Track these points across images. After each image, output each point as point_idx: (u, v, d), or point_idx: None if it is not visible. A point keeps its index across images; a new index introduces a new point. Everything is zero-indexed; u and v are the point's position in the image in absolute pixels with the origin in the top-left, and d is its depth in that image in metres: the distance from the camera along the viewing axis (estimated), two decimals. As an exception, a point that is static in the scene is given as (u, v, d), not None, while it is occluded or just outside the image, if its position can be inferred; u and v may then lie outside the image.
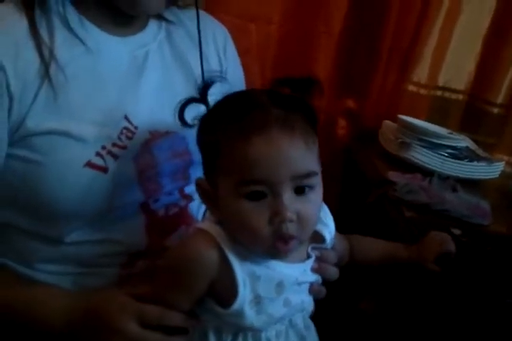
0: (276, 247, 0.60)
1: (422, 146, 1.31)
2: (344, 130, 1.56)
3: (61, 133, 0.69)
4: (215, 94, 0.80)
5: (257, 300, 0.63)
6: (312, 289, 0.69)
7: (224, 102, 0.65)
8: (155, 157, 0.76)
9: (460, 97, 1.56)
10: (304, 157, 0.60)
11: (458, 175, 1.28)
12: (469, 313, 0.76)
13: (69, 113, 0.70)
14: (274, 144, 0.59)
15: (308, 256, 0.69)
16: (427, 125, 1.43)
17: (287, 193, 0.59)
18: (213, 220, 0.64)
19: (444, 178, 1.21)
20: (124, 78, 0.76)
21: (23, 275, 0.76)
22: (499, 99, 1.52)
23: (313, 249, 0.69)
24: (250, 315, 0.62)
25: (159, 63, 0.81)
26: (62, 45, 0.71)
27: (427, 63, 1.50)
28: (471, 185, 1.28)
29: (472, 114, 1.56)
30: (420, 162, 1.29)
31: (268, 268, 0.63)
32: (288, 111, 0.61)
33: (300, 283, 0.67)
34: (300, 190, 0.61)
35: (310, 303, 0.71)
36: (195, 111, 0.69)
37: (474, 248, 0.93)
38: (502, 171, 1.38)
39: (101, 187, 0.71)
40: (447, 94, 1.56)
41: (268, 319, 0.64)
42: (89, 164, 0.70)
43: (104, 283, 0.76)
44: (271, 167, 0.58)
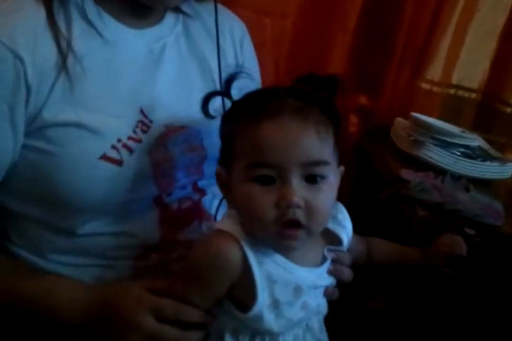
0: (282, 234, 0.60)
1: (435, 145, 1.30)
2: (356, 127, 1.55)
3: (77, 125, 0.69)
4: (236, 88, 0.80)
5: (275, 304, 0.62)
6: (327, 292, 0.69)
7: (245, 96, 0.67)
8: (170, 151, 0.76)
9: (473, 96, 1.55)
10: (315, 145, 0.61)
11: (470, 175, 1.27)
12: (482, 314, 0.75)
13: (85, 105, 0.70)
14: (285, 129, 0.60)
15: (324, 259, 0.68)
16: (440, 123, 1.41)
17: (296, 180, 0.60)
18: (233, 220, 0.63)
19: (457, 178, 1.20)
20: (141, 71, 0.76)
21: (36, 265, 0.76)
22: (513, 99, 1.51)
23: (329, 251, 0.69)
24: (269, 320, 0.62)
25: (176, 56, 0.80)
26: (79, 37, 0.70)
27: (441, 61, 1.50)
28: (483, 185, 1.27)
29: (485, 113, 1.55)
30: (433, 160, 1.28)
31: (285, 270, 0.63)
32: (303, 102, 0.62)
33: (317, 287, 0.67)
34: (311, 179, 0.61)
35: (325, 306, 0.70)
36: (214, 103, 0.70)
37: (489, 248, 0.92)
38: (515, 172, 1.37)
39: (115, 180, 0.71)
40: (460, 93, 1.55)
41: (286, 323, 0.64)
42: (104, 157, 0.70)
43: (117, 276, 0.76)
44: (280, 151, 0.60)
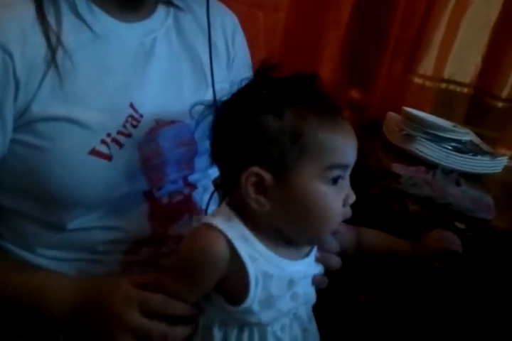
0: (334, 230, 0.64)
1: (427, 139, 1.30)
2: (348, 121, 1.54)
3: (66, 119, 0.68)
4: (222, 83, 0.79)
5: (269, 299, 0.63)
6: (315, 280, 0.69)
7: (281, 86, 0.63)
8: (160, 146, 0.76)
9: (465, 90, 1.56)
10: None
11: (461, 169, 1.27)
12: (474, 309, 0.75)
13: (74, 99, 0.69)
14: (350, 130, 0.64)
15: (310, 249, 0.69)
16: (432, 118, 1.42)
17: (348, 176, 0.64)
18: (225, 217, 0.63)
19: (448, 172, 1.21)
20: (131, 65, 0.75)
21: (25, 259, 0.75)
22: (504, 94, 1.52)
23: None
24: (258, 312, 0.63)
25: (166, 50, 0.80)
26: (69, 31, 0.70)
27: (434, 55, 1.49)
28: (474, 179, 1.27)
29: (477, 108, 1.55)
30: (424, 155, 1.28)
31: (277, 267, 0.63)
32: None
33: (307, 276, 0.68)
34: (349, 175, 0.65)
35: (313, 295, 0.71)
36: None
37: (479, 242, 0.93)
38: (505, 166, 1.37)
39: (105, 174, 0.71)
40: (452, 87, 1.56)
41: (276, 313, 0.64)
42: (93, 151, 0.70)
43: (106, 270, 0.75)
44: (352, 151, 0.62)
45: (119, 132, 0.72)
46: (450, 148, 1.31)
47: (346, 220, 0.66)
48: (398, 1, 1.46)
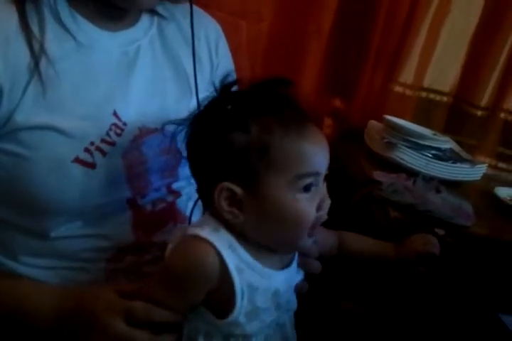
0: (310, 234, 0.64)
1: (407, 147, 1.32)
2: (330, 129, 1.57)
3: (50, 128, 0.69)
4: (205, 92, 0.80)
5: (256, 311, 0.63)
6: (297, 287, 0.70)
7: (246, 100, 0.64)
8: (144, 153, 0.76)
9: (445, 99, 1.58)
10: (328, 148, 0.66)
11: (442, 177, 1.29)
12: (454, 312, 0.77)
13: (58, 108, 0.70)
14: (319, 136, 0.64)
15: (292, 257, 0.70)
16: (412, 126, 1.44)
17: (322, 183, 0.64)
18: (212, 228, 0.63)
19: (428, 179, 1.23)
20: (114, 74, 0.76)
21: (8, 268, 0.75)
22: (483, 102, 1.54)
23: None
24: (244, 324, 0.63)
25: (150, 59, 0.80)
26: (53, 40, 0.70)
27: (414, 64, 1.52)
28: (454, 187, 1.29)
29: (456, 116, 1.58)
30: (405, 162, 1.30)
31: (263, 277, 0.64)
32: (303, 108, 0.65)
33: (291, 286, 0.68)
34: (324, 180, 0.65)
35: (295, 302, 0.71)
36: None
37: (458, 248, 0.94)
38: (484, 173, 1.40)
39: (89, 182, 0.71)
40: (432, 96, 1.58)
41: (261, 324, 0.65)
42: (77, 160, 0.70)
43: (90, 278, 0.76)
44: (323, 159, 0.63)
45: (103, 140, 0.72)
46: (430, 156, 1.33)
47: (324, 224, 0.68)
48: (379, 12, 1.48)
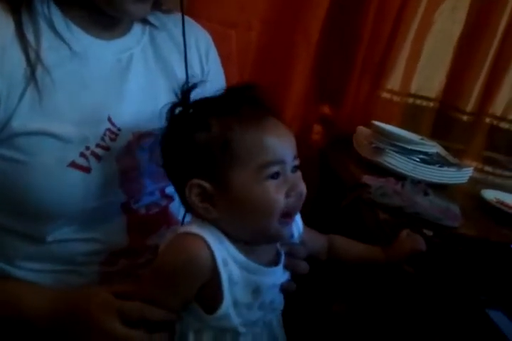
0: (283, 222, 0.66)
1: (395, 151, 1.35)
2: (320, 135, 1.59)
3: (46, 133, 0.70)
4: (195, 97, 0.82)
5: (235, 304, 0.65)
6: (283, 287, 0.72)
7: (206, 103, 0.69)
8: (137, 158, 0.78)
9: (431, 105, 1.62)
10: (293, 138, 0.69)
11: (429, 180, 1.32)
12: (443, 311, 0.78)
13: (54, 114, 0.71)
14: (279, 127, 0.67)
15: (278, 254, 0.71)
16: (400, 131, 1.47)
17: (290, 172, 0.67)
18: (199, 225, 0.65)
19: (416, 182, 1.25)
20: (108, 81, 0.78)
21: (3, 271, 0.76)
22: (469, 107, 1.58)
23: (282, 245, 0.72)
24: (233, 317, 0.65)
25: (142, 67, 0.83)
26: (48, 48, 0.72)
27: (400, 71, 1.55)
28: (442, 190, 1.32)
29: (443, 121, 1.61)
30: (393, 166, 1.33)
31: (249, 272, 0.66)
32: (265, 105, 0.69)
33: (275, 286, 0.70)
34: (295, 170, 0.68)
35: (281, 301, 0.73)
36: None
37: (446, 248, 0.96)
38: (470, 176, 1.43)
39: (84, 187, 0.73)
40: (419, 102, 1.61)
41: (245, 322, 0.67)
42: (72, 164, 0.72)
43: (84, 281, 0.77)
44: (285, 147, 0.66)
45: (98, 145, 0.74)
46: (418, 160, 1.36)
47: (316, 227, 0.70)
48: (366, 20, 1.52)
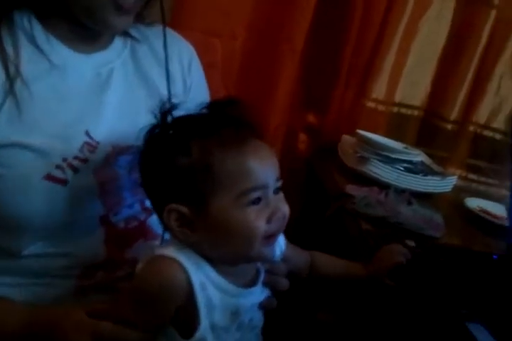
0: (266, 244, 0.65)
1: (379, 160, 1.35)
2: (305, 144, 1.60)
3: (22, 146, 0.70)
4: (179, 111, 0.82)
5: (213, 328, 0.64)
6: (263, 305, 0.71)
7: (186, 124, 0.67)
8: (116, 171, 0.78)
9: (416, 113, 1.63)
10: (276, 159, 0.67)
11: (413, 189, 1.33)
12: (424, 323, 0.78)
13: (31, 127, 0.71)
14: (262, 150, 0.66)
15: (258, 272, 0.71)
16: (384, 140, 1.48)
17: (273, 194, 0.66)
18: (177, 247, 0.64)
19: (400, 191, 1.26)
20: (87, 95, 0.77)
21: None
22: (453, 116, 1.59)
23: (263, 263, 0.71)
24: None
25: (122, 80, 0.82)
26: (28, 62, 0.72)
27: (385, 80, 1.56)
28: (425, 198, 1.33)
29: (427, 130, 1.63)
30: (377, 176, 1.33)
31: (227, 294, 0.65)
32: (248, 125, 0.67)
33: (254, 305, 0.69)
34: (277, 191, 0.67)
35: (260, 319, 0.72)
36: None
37: (427, 259, 0.97)
38: (454, 185, 1.44)
39: (60, 200, 0.72)
40: (404, 110, 1.62)
41: None
42: (48, 177, 0.71)
43: (59, 295, 0.76)
44: (266, 172, 0.65)
45: (76, 157, 0.73)
46: (402, 169, 1.36)
47: (300, 238, 0.69)
48: (350, 30, 1.53)
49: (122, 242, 0.81)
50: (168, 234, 0.82)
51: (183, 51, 0.93)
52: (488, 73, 1.56)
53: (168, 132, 0.68)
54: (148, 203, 0.83)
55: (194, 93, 0.93)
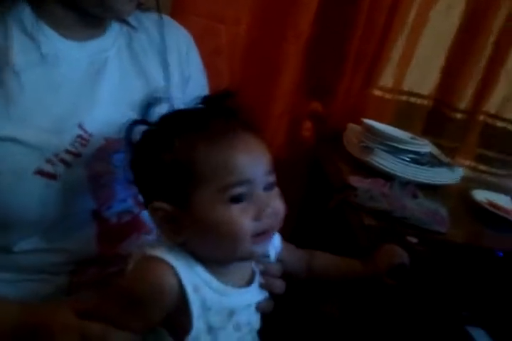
0: (257, 242, 0.62)
1: (385, 151, 1.33)
2: (309, 132, 1.56)
3: (12, 140, 0.68)
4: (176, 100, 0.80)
5: (210, 330, 0.62)
6: (260, 307, 0.69)
7: (173, 119, 0.65)
8: (110, 164, 0.75)
9: (425, 102, 1.59)
10: (268, 155, 0.64)
11: (419, 180, 1.29)
12: (424, 325, 0.77)
13: (21, 120, 0.69)
14: (247, 145, 0.62)
15: (253, 273, 0.69)
16: (390, 129, 1.44)
17: (261, 191, 0.62)
18: (167, 247, 0.62)
19: (405, 184, 1.23)
20: (80, 85, 0.75)
21: None
22: (462, 105, 1.55)
23: (257, 264, 0.70)
24: None
25: (117, 69, 0.80)
26: (18, 51, 0.69)
27: (393, 68, 1.52)
28: (433, 190, 1.30)
29: (436, 119, 1.59)
30: (382, 166, 1.30)
31: (221, 295, 0.63)
32: (238, 117, 0.65)
33: (249, 306, 0.67)
34: (269, 187, 0.64)
35: (257, 322, 0.70)
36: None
37: (431, 256, 0.94)
38: (463, 176, 1.41)
39: (51, 195, 0.70)
40: (412, 99, 1.59)
41: None
42: (39, 171, 0.69)
43: (52, 290, 0.75)
44: (250, 166, 0.61)
45: (67, 151, 0.71)
46: (408, 160, 1.33)
47: (302, 230, 0.66)
48: (358, 16, 1.47)
49: (115, 237, 0.79)
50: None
51: (181, 39, 0.91)
52: (499, 61, 1.52)
53: (154, 128, 0.66)
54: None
55: (192, 86, 0.91)
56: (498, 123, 1.56)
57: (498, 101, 1.55)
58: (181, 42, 0.90)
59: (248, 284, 0.68)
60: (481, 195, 1.33)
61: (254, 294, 0.68)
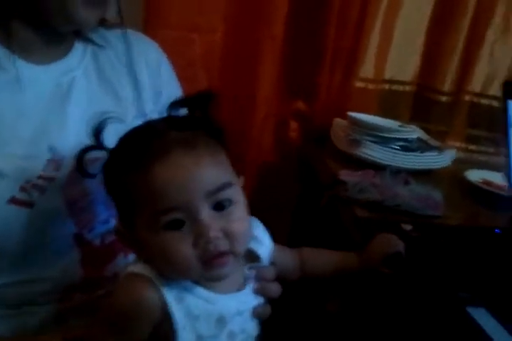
0: (210, 266, 0.59)
1: (373, 142, 1.31)
2: (296, 132, 1.56)
3: None
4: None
5: (200, 340, 0.62)
6: (256, 313, 0.67)
7: (121, 142, 0.64)
8: (86, 185, 0.75)
9: (408, 88, 1.58)
10: (214, 171, 0.59)
11: (410, 167, 1.28)
12: (423, 309, 0.76)
13: None
14: (178, 167, 0.58)
15: (245, 279, 0.67)
16: (376, 120, 1.43)
17: (205, 212, 0.58)
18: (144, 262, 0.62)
19: (396, 172, 1.22)
20: (48, 108, 0.75)
21: None
22: (446, 87, 1.54)
23: (249, 269, 0.68)
24: None
25: (85, 89, 0.79)
26: None
27: (372, 58, 1.51)
28: (425, 175, 1.29)
29: (421, 104, 1.58)
30: (371, 157, 1.29)
31: (208, 302, 0.62)
32: (186, 131, 0.61)
33: (241, 312, 0.66)
34: (219, 206, 0.59)
35: (254, 328, 0.68)
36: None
37: (426, 242, 0.93)
38: (455, 158, 1.39)
39: (27, 223, 0.70)
40: (395, 87, 1.57)
41: None
42: (13, 200, 0.69)
43: (40, 321, 0.74)
44: (180, 190, 0.57)
45: (40, 177, 0.71)
46: (397, 148, 1.32)
47: (296, 230, 0.65)
48: (331, 10, 1.47)
49: (100, 259, 0.78)
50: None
51: (150, 53, 0.89)
52: (479, 40, 1.50)
53: (107, 150, 0.64)
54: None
55: (166, 95, 0.89)
56: (483, 100, 1.55)
57: (482, 79, 1.54)
58: (151, 55, 0.89)
59: (239, 289, 0.66)
60: (475, 175, 1.32)
61: (246, 299, 0.66)
